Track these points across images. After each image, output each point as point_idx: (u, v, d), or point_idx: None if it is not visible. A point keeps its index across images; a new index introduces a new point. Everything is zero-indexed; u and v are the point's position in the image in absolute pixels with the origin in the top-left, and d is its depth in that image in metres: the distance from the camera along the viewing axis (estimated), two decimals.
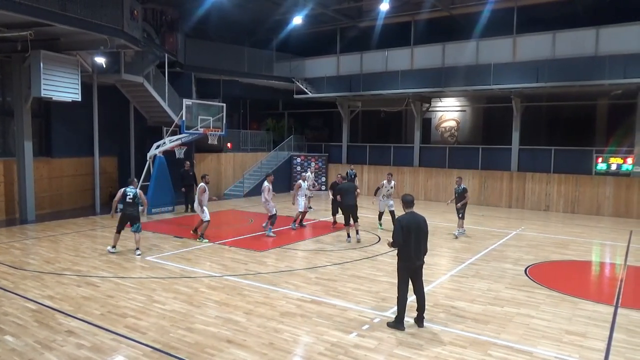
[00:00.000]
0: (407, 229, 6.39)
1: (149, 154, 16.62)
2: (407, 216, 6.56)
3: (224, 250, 11.15)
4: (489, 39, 19.76)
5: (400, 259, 6.58)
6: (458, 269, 9.72)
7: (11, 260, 9.91)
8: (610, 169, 17.77)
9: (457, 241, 12.58)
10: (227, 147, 22.47)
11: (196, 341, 6.02)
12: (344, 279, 8.88)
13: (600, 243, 13.08)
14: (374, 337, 6.23)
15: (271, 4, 21.30)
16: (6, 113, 15.52)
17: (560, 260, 10.83)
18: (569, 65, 17.75)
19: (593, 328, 6.66)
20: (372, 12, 22.29)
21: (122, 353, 5.69)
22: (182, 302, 7.48)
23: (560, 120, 22.71)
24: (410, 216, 6.56)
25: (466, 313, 7.16)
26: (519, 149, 19.91)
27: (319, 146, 26.13)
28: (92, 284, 8.37)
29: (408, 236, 6.39)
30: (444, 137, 25.58)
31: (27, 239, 12.22)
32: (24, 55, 13.56)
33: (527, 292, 8.25)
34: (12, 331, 6.26)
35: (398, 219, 6.58)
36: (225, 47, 22.54)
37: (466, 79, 19.95)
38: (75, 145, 17.45)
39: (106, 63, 15.98)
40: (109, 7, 13.35)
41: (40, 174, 16.01)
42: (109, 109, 17.80)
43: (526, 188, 19.50)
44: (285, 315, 6.94)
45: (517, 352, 5.82)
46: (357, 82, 22.79)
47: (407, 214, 6.61)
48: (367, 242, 12.26)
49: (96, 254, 10.60)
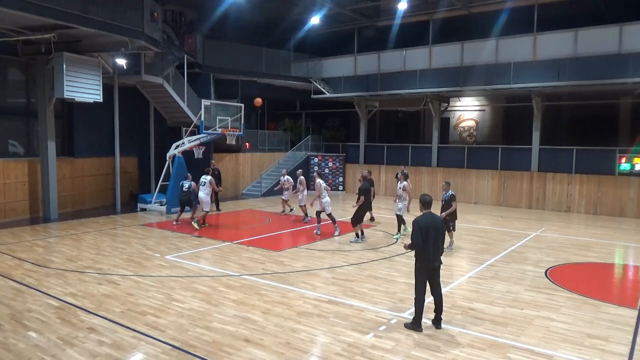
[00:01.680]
0: (425, 230, 6.35)
1: (168, 154, 16.82)
2: (425, 217, 6.53)
3: (242, 250, 11.22)
4: (509, 37, 19.48)
5: (418, 260, 6.54)
6: (477, 270, 9.62)
7: (35, 258, 10.14)
8: (634, 169, 17.37)
9: (476, 242, 12.44)
10: (246, 147, 22.62)
11: (214, 340, 6.08)
12: (361, 279, 8.86)
13: (624, 245, 12.80)
14: (391, 338, 6.20)
15: (288, 4, 21.38)
16: (30, 114, 15.89)
17: (581, 262, 10.63)
18: (591, 64, 17.39)
19: (615, 332, 6.53)
20: (389, 11, 22.20)
21: (142, 350, 5.78)
22: (200, 300, 7.56)
23: (581, 120, 22.27)
24: (429, 217, 6.53)
25: (485, 315, 7.08)
26: (540, 149, 19.60)
27: (336, 146, 26.12)
28: (113, 282, 8.51)
29: (426, 237, 6.35)
30: (463, 137, 25.33)
31: (50, 237, 12.48)
32: (48, 57, 13.86)
33: (548, 294, 8.13)
34: (35, 327, 6.41)
35: (416, 220, 6.49)
36: (243, 47, 22.68)
37: (485, 78, 19.70)
38: (96, 145, 17.78)
39: (127, 64, 16.22)
40: (130, 10, 13.55)
41: (63, 174, 16.34)
42: (129, 109, 18.09)
43: (547, 189, 19.19)
44: (302, 315, 6.96)
45: (537, 355, 5.74)
46: (375, 82, 22.70)
47: (425, 214, 6.58)
48: (385, 242, 12.21)
49: (117, 252, 10.77)
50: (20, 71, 15.89)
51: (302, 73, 24.41)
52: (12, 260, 9.90)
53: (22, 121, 15.94)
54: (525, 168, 19.74)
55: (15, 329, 6.36)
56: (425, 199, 6.70)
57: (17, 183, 15.03)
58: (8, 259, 10.04)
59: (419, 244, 6.37)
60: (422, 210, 6.69)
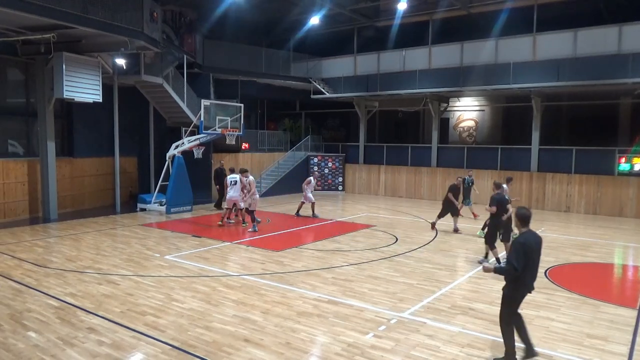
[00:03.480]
0: (530, 253, 5.38)
1: (168, 154, 16.83)
2: (528, 236, 5.50)
3: (242, 250, 11.22)
4: (508, 37, 19.49)
5: (515, 286, 5.51)
6: (476, 270, 9.61)
7: (34, 258, 10.13)
8: (634, 170, 17.38)
9: (476, 242, 12.44)
10: (243, 148, 22.57)
11: (214, 340, 6.08)
12: (361, 279, 8.87)
13: (623, 245, 12.81)
14: (390, 337, 6.20)
15: (288, 4, 21.38)
16: (30, 114, 15.87)
17: (581, 262, 10.64)
18: (590, 64, 17.40)
19: (615, 332, 6.53)
20: (389, 11, 22.20)
21: (142, 350, 5.78)
22: (200, 300, 7.56)
23: (581, 120, 22.27)
24: (532, 236, 5.52)
25: (485, 315, 7.08)
26: (539, 149, 19.61)
27: (335, 146, 26.11)
28: (113, 282, 8.51)
29: (529, 261, 5.38)
30: (462, 137, 25.33)
31: (50, 237, 12.47)
32: (47, 57, 13.85)
33: (547, 294, 8.13)
34: (35, 327, 6.41)
35: (519, 242, 5.43)
36: (242, 47, 22.68)
37: (485, 78, 19.70)
38: (96, 145, 17.77)
39: (126, 64, 16.20)
40: (129, 10, 13.54)
41: (63, 174, 16.34)
42: (129, 109, 18.08)
43: (546, 189, 19.21)
44: (302, 315, 6.96)
45: (537, 355, 5.73)
46: (375, 82, 22.70)
47: (526, 233, 5.53)
48: (384, 242, 12.22)
49: (116, 252, 10.77)
50: (20, 71, 15.88)
51: (302, 73, 24.40)
52: (12, 260, 9.89)
53: (21, 121, 15.93)
54: (525, 168, 19.75)
55: (14, 329, 6.36)
56: (524, 214, 5.61)
57: (17, 183, 15.02)
58: (8, 259, 10.03)
59: (517, 271, 5.31)
60: (521, 227, 5.60)
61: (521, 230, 5.60)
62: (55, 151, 15.17)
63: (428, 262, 10.27)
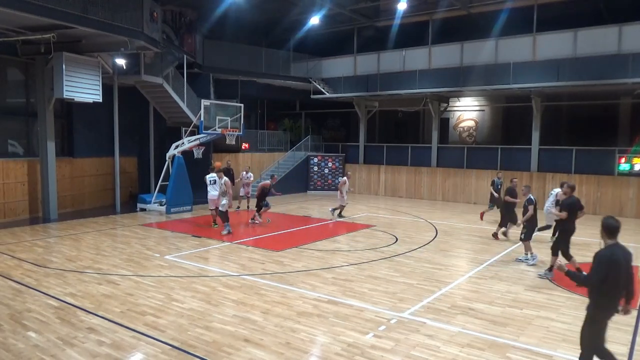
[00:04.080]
0: (616, 268, 4.65)
1: (168, 154, 16.82)
2: (615, 250, 4.77)
3: (242, 250, 11.22)
4: (508, 37, 19.49)
5: (601, 307, 4.79)
6: (476, 270, 9.62)
7: (34, 258, 10.13)
8: (634, 170, 17.39)
9: (476, 242, 12.45)
10: (243, 148, 22.56)
11: (214, 340, 6.08)
12: (361, 279, 8.86)
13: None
14: (390, 337, 6.20)
15: (288, 4, 21.37)
16: (30, 114, 15.87)
17: (581, 262, 10.63)
18: (590, 64, 17.40)
19: (615, 332, 6.52)
20: (389, 11, 22.20)
21: (142, 350, 5.78)
22: (200, 300, 7.56)
23: (581, 120, 22.27)
24: (619, 250, 4.79)
25: (485, 315, 7.08)
26: (539, 149, 19.61)
27: (335, 146, 26.12)
28: (113, 282, 8.51)
29: (615, 277, 4.66)
30: (462, 137, 25.34)
31: (50, 237, 12.47)
32: (47, 57, 13.86)
33: (547, 294, 8.13)
34: (35, 327, 6.41)
35: (604, 254, 4.74)
36: (242, 47, 22.68)
37: (485, 78, 19.71)
38: (96, 145, 17.77)
39: (126, 64, 16.20)
40: (129, 10, 13.55)
41: (63, 174, 16.34)
42: (129, 109, 18.07)
43: (546, 189, 19.13)
44: (302, 315, 6.96)
45: (537, 355, 5.74)
46: (374, 82, 22.71)
47: (613, 246, 4.80)
48: (384, 242, 12.22)
49: (116, 252, 10.76)
50: (20, 71, 15.88)
51: (302, 73, 24.41)
52: (12, 260, 9.89)
53: (21, 121, 15.92)
54: (525, 168, 19.75)
55: (14, 329, 6.36)
56: (612, 225, 4.90)
57: (17, 183, 15.02)
58: (8, 259, 10.03)
59: (590, 284, 4.78)
60: (607, 239, 4.88)
61: (607, 242, 4.90)
62: (55, 151, 15.18)
63: (428, 262, 10.28)
